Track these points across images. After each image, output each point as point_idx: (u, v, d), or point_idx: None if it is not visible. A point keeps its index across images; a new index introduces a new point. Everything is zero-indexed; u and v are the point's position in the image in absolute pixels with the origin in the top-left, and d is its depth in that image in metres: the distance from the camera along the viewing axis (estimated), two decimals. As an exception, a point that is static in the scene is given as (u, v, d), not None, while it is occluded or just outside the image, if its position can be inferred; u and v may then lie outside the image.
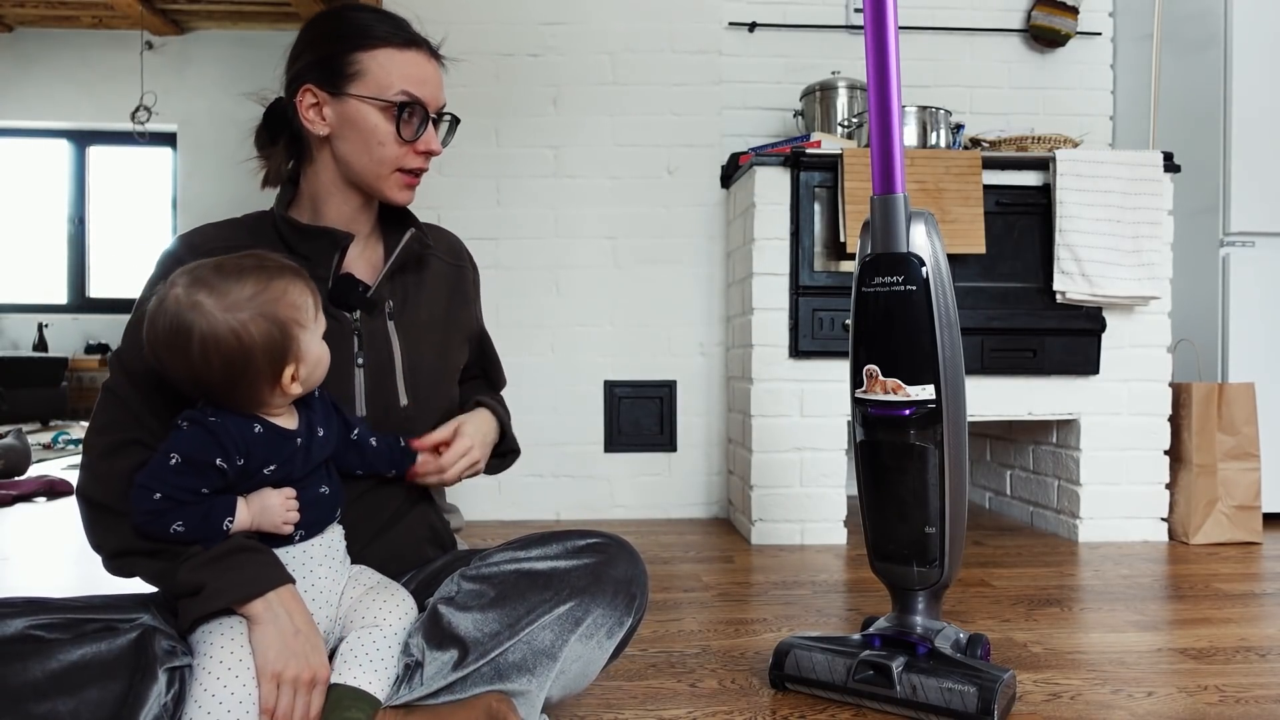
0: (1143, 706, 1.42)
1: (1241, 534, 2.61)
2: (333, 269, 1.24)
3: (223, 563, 1.03)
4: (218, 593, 1.02)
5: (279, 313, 1.03)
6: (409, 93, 1.21)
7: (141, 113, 6.45)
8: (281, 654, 1.02)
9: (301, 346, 1.06)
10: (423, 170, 1.27)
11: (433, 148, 1.25)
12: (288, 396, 1.08)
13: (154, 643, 1.01)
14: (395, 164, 1.23)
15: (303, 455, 1.09)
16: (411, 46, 1.23)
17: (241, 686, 0.99)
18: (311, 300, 1.08)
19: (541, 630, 1.14)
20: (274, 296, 1.04)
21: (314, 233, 1.24)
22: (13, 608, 1.01)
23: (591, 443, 3.01)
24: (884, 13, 1.36)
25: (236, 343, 1.01)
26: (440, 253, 1.38)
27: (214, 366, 1.02)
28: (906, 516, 1.43)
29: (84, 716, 0.95)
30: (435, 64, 1.26)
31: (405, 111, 1.21)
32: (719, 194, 3.05)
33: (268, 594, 1.03)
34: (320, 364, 1.10)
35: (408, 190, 1.27)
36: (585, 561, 1.19)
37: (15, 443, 3.74)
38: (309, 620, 1.06)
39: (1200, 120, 2.85)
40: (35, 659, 0.96)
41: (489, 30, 3.00)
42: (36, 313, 6.99)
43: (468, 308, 1.41)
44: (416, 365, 1.28)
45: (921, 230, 1.39)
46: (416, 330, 1.30)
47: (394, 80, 1.20)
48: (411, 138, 1.22)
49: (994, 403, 2.62)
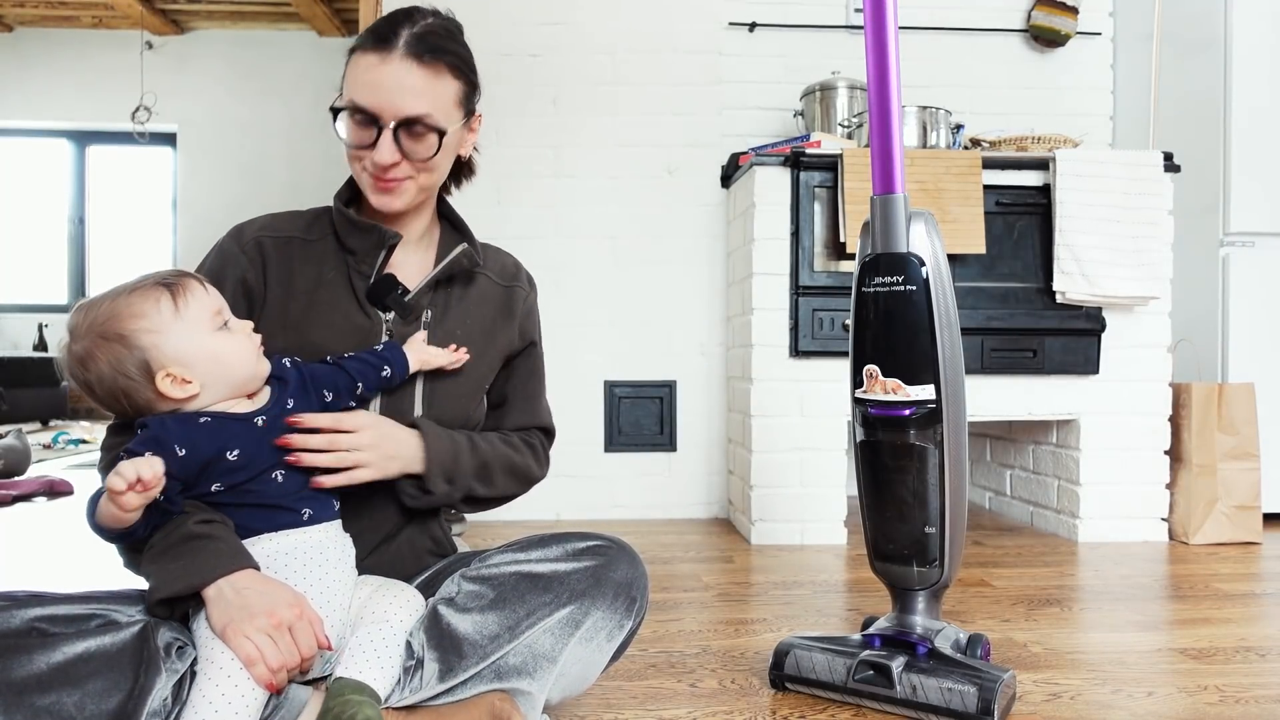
0: (1143, 706, 1.42)
1: (1241, 534, 2.61)
2: (376, 266, 1.25)
3: (169, 554, 1.03)
4: (160, 585, 1.02)
5: (114, 329, 1.05)
6: (351, 100, 1.19)
7: (141, 113, 6.46)
8: (226, 612, 0.99)
9: (164, 350, 1.05)
10: (384, 180, 1.20)
11: (379, 158, 1.17)
12: (183, 397, 1.07)
13: (156, 635, 1.01)
14: (361, 165, 1.22)
15: (263, 433, 1.09)
16: (374, 50, 1.18)
17: (239, 694, 0.98)
18: (168, 303, 1.06)
19: (542, 634, 1.13)
20: (111, 315, 1.05)
21: (363, 226, 1.25)
22: (17, 601, 1.01)
23: (591, 443, 3.01)
24: (884, 13, 1.36)
25: (86, 372, 1.06)
26: (491, 272, 1.36)
27: (93, 392, 1.07)
28: (906, 516, 1.43)
29: (88, 709, 0.95)
30: (404, 67, 1.17)
31: (338, 118, 1.20)
32: (719, 194, 3.05)
33: (217, 581, 1.01)
34: (219, 360, 1.08)
35: (380, 194, 1.22)
36: (585, 564, 1.18)
37: (15, 443, 3.74)
38: (267, 584, 1.03)
39: (1200, 120, 2.85)
40: (40, 652, 0.96)
41: (489, 30, 3.00)
42: (36, 313, 6.99)
43: (510, 326, 1.36)
44: (439, 379, 1.27)
45: (921, 230, 1.39)
46: (452, 341, 1.28)
47: (347, 88, 1.20)
48: (358, 142, 1.20)
49: (994, 403, 2.62)
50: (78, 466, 4.11)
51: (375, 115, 1.17)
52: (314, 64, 6.81)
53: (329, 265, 1.26)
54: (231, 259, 1.24)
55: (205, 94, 6.89)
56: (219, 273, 1.23)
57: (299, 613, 1.01)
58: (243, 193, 6.81)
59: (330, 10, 6.40)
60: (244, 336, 1.11)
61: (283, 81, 6.86)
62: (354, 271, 1.25)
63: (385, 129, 1.17)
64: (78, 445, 4.91)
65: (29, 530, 2.79)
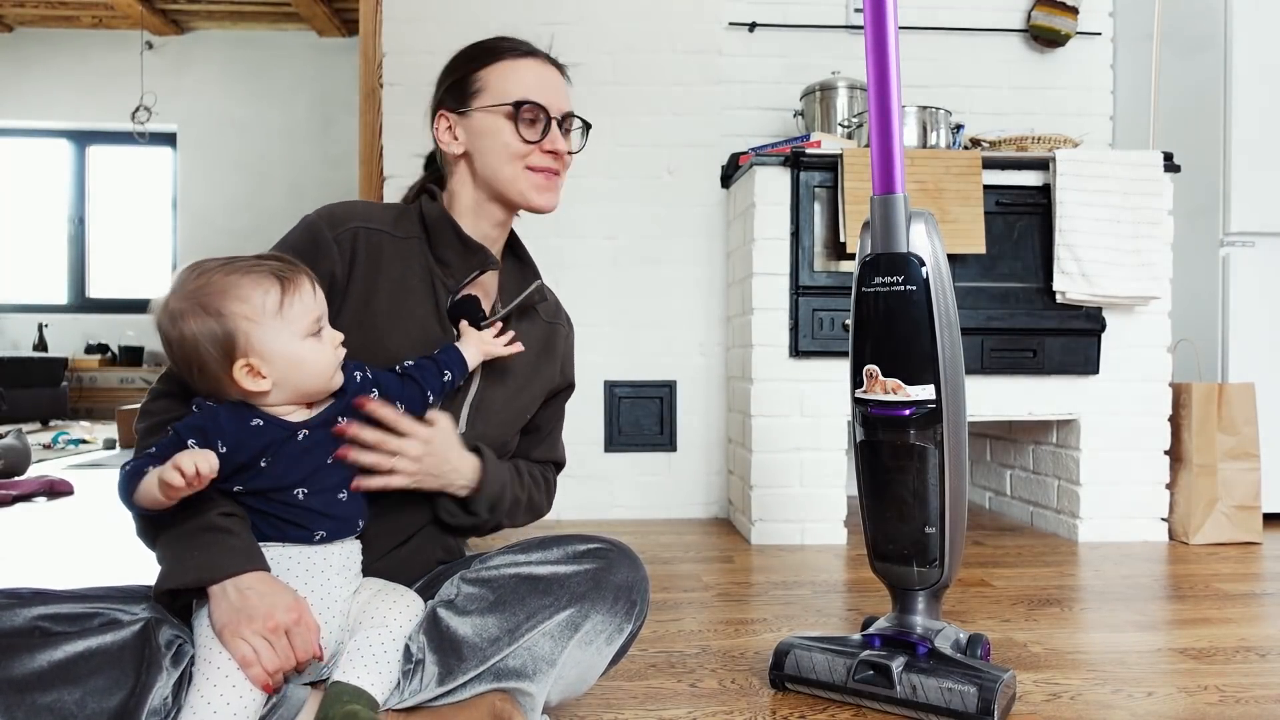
0: (1143, 706, 1.42)
1: (1241, 534, 2.60)
2: (462, 283, 1.27)
3: (184, 541, 1.03)
4: (169, 575, 1.02)
5: (216, 304, 1.03)
6: (527, 97, 1.27)
7: (141, 113, 6.46)
8: (226, 613, 0.99)
9: (252, 341, 1.03)
10: (553, 171, 1.30)
11: (557, 146, 1.29)
12: (254, 390, 1.05)
13: (158, 634, 1.02)
14: (524, 164, 1.27)
15: (302, 450, 1.08)
16: (527, 56, 1.32)
17: (237, 694, 0.98)
18: (275, 298, 1.05)
19: (541, 636, 1.13)
20: (219, 289, 1.04)
21: (472, 246, 1.27)
22: (21, 599, 1.02)
23: (591, 443, 3.01)
24: (884, 13, 1.36)
25: (172, 329, 1.04)
26: (540, 307, 1.41)
27: (170, 349, 1.06)
28: (906, 516, 1.43)
29: (89, 706, 0.96)
30: (555, 71, 1.34)
31: (522, 110, 1.26)
32: (719, 194, 3.05)
33: (223, 582, 1.01)
34: (299, 367, 1.06)
35: (545, 191, 1.30)
36: (586, 567, 1.18)
37: (15, 443, 3.74)
38: (271, 586, 1.03)
39: (1200, 120, 2.85)
40: (42, 650, 0.96)
41: (489, 30, 2.97)
42: (36, 313, 6.99)
43: (553, 364, 1.40)
44: (486, 401, 1.29)
45: (921, 230, 1.39)
46: (500, 371, 1.30)
47: (511, 87, 1.28)
48: (532, 137, 1.27)
49: (994, 403, 2.62)
50: (78, 466, 4.11)
51: (545, 109, 1.28)
52: (314, 64, 6.81)
53: (413, 269, 1.25)
54: (325, 248, 1.20)
55: (205, 94, 6.89)
56: (311, 258, 1.18)
57: (297, 617, 1.01)
58: (243, 193, 6.81)
59: (330, 10, 6.40)
60: (330, 348, 1.09)
61: (283, 81, 6.86)
62: (440, 283, 1.26)
63: (554, 120, 1.29)
64: (78, 445, 4.91)
65: (29, 530, 2.79)
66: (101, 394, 6.71)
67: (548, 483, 1.42)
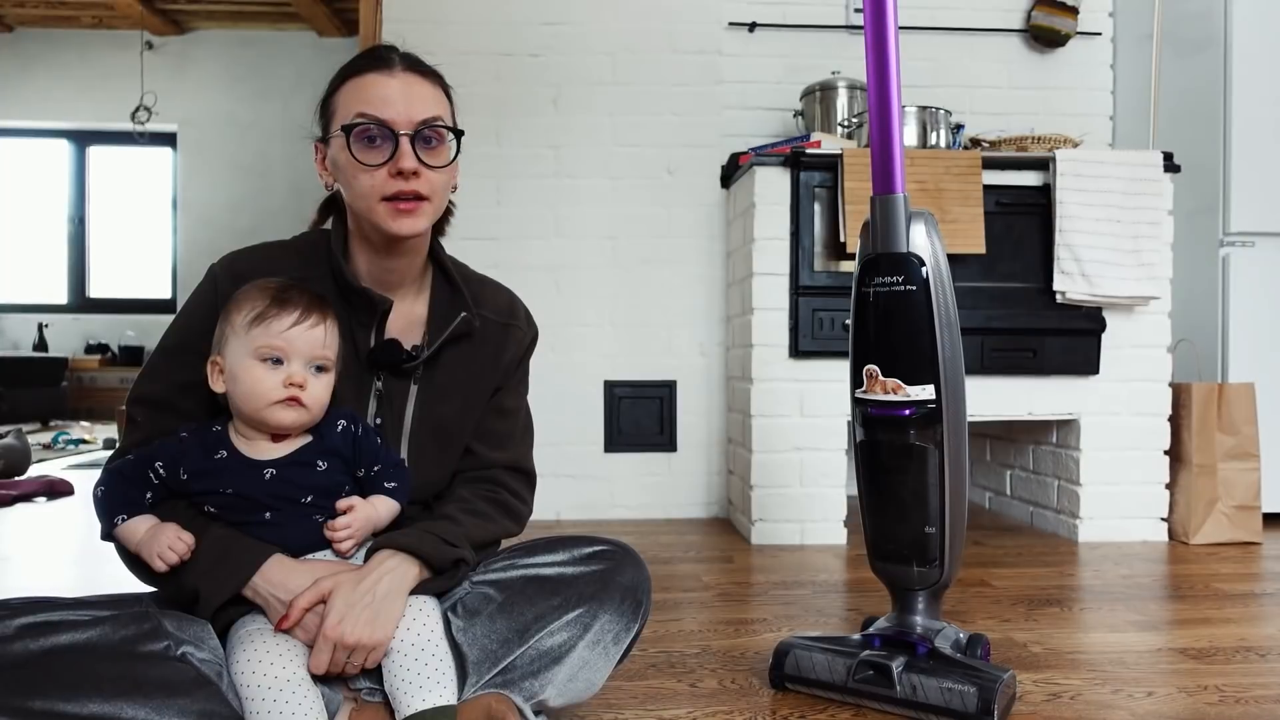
0: (1143, 706, 1.42)
1: (1241, 534, 2.60)
2: (372, 331, 1.20)
3: (212, 560, 1.08)
4: (211, 596, 1.06)
5: (230, 304, 1.13)
6: (362, 113, 1.13)
7: (141, 113, 6.46)
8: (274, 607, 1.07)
9: (222, 345, 1.12)
10: (410, 193, 1.14)
11: (403, 165, 1.12)
12: (215, 390, 1.13)
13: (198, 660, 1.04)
14: (378, 192, 1.14)
15: (267, 485, 1.10)
16: (371, 70, 1.15)
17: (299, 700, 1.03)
18: (251, 315, 1.10)
19: (550, 636, 1.14)
20: (243, 292, 1.13)
21: (353, 290, 1.19)
22: (11, 609, 1.01)
23: (592, 443, 3.01)
24: (884, 13, 1.36)
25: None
26: (487, 311, 1.29)
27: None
28: (906, 516, 1.43)
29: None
30: (407, 79, 1.16)
31: (353, 133, 1.13)
32: (719, 194, 3.05)
33: (252, 580, 1.06)
34: (236, 384, 1.09)
35: (402, 217, 1.14)
36: (593, 568, 1.19)
37: (15, 443, 3.74)
38: (285, 572, 1.08)
39: (1200, 120, 2.85)
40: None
41: (489, 30, 3.00)
42: (36, 313, 6.99)
43: (499, 366, 1.29)
44: (424, 428, 1.23)
45: (921, 230, 1.39)
46: (437, 391, 1.24)
47: (351, 107, 1.14)
48: (373, 160, 1.13)
49: (994, 403, 2.62)
50: (78, 466, 4.11)
51: (390, 125, 1.13)
52: (314, 64, 6.80)
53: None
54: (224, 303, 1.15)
55: (205, 94, 6.89)
56: (213, 312, 1.15)
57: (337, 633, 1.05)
58: (243, 193, 6.81)
59: (330, 10, 6.40)
60: (275, 384, 1.08)
61: (283, 81, 6.86)
62: (356, 324, 1.20)
63: (402, 137, 1.13)
64: (78, 445, 4.91)
65: (29, 530, 2.79)
66: (101, 394, 6.71)
67: (505, 506, 1.27)
